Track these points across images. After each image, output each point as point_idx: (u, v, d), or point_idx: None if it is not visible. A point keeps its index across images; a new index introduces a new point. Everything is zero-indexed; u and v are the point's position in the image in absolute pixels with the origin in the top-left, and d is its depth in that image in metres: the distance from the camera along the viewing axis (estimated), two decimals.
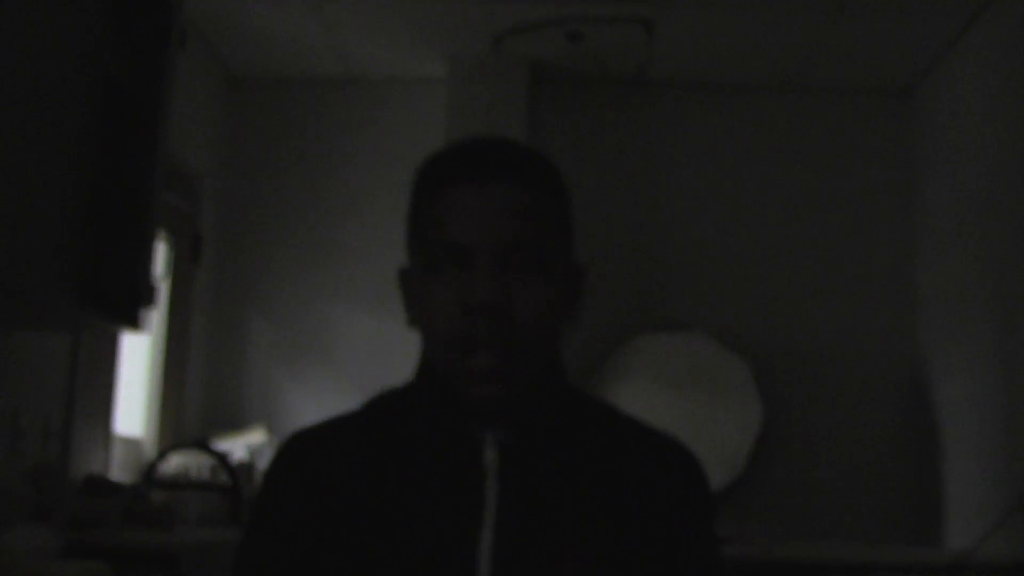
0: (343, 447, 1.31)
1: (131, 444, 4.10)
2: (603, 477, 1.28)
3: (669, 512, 1.28)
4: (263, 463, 4.27)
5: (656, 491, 1.29)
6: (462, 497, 1.25)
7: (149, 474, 3.84)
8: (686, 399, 4.67)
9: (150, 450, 4.26)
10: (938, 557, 2.98)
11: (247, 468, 4.12)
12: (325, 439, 1.33)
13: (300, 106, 5.04)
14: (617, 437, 1.34)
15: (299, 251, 4.88)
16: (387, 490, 1.26)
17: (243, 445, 4.31)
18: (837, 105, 5.06)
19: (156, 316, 4.27)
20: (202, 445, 3.96)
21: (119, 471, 3.87)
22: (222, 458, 3.85)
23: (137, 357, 4.25)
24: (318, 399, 4.72)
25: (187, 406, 4.54)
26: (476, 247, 1.24)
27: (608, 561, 1.23)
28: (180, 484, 3.86)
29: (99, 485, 3.09)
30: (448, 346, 1.25)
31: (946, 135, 4.62)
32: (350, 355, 4.79)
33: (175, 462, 4.01)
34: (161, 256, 4.33)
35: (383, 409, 1.36)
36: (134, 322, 2.89)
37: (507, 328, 1.23)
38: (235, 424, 4.62)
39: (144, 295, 2.86)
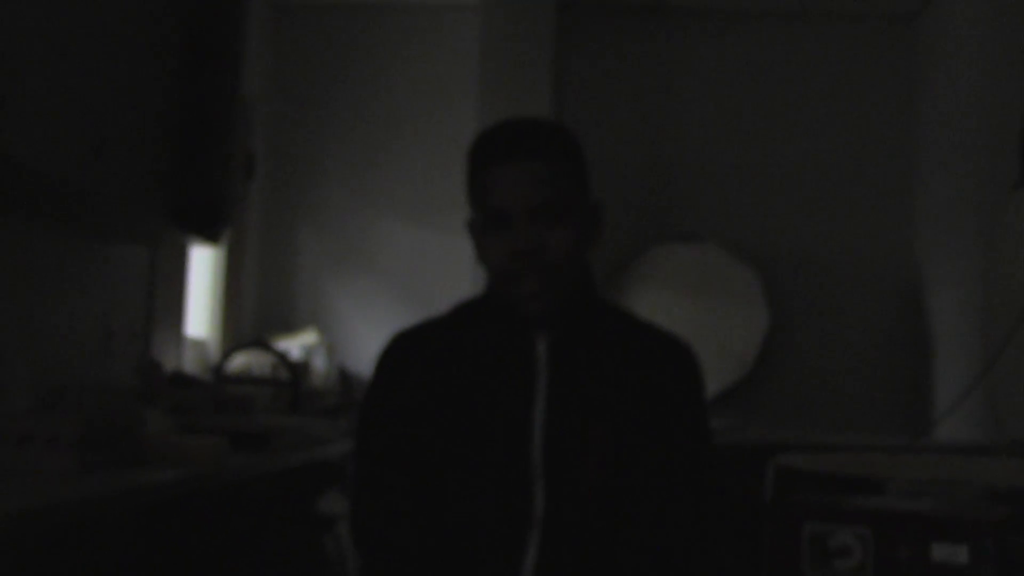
0: (434, 342, 1.79)
1: (198, 345, 4.57)
2: (623, 365, 1.76)
3: (671, 390, 1.77)
4: (316, 362, 4.73)
5: (662, 375, 1.77)
6: (521, 379, 1.73)
7: (217, 371, 4.30)
8: (699, 305, 5.09)
9: (214, 350, 4.72)
10: (899, 440, 3.41)
11: (303, 365, 4.58)
12: (420, 337, 1.82)
13: (342, 31, 5.39)
14: (634, 336, 1.82)
15: (344, 167, 5.28)
16: (467, 375, 1.75)
17: (297, 345, 4.76)
18: (844, 31, 5.40)
19: None
20: (264, 345, 4.42)
21: (189, 369, 4.32)
22: (283, 356, 4.31)
23: (200, 267, 4.68)
24: (362, 303, 5.17)
25: (244, 310, 5.00)
26: (514, 210, 1.71)
27: (627, 425, 1.72)
28: (245, 380, 4.31)
29: (184, 379, 3.55)
30: (502, 279, 1.74)
31: (946, 60, 4.96)
32: (391, 262, 5.21)
33: (238, 360, 4.46)
34: None
35: (463, 314, 1.85)
36: (216, 238, 3.33)
37: (542, 264, 1.71)
38: (287, 326, 5.07)
39: (225, 214, 3.28)
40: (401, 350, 1.80)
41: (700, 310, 5.08)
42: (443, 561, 1.69)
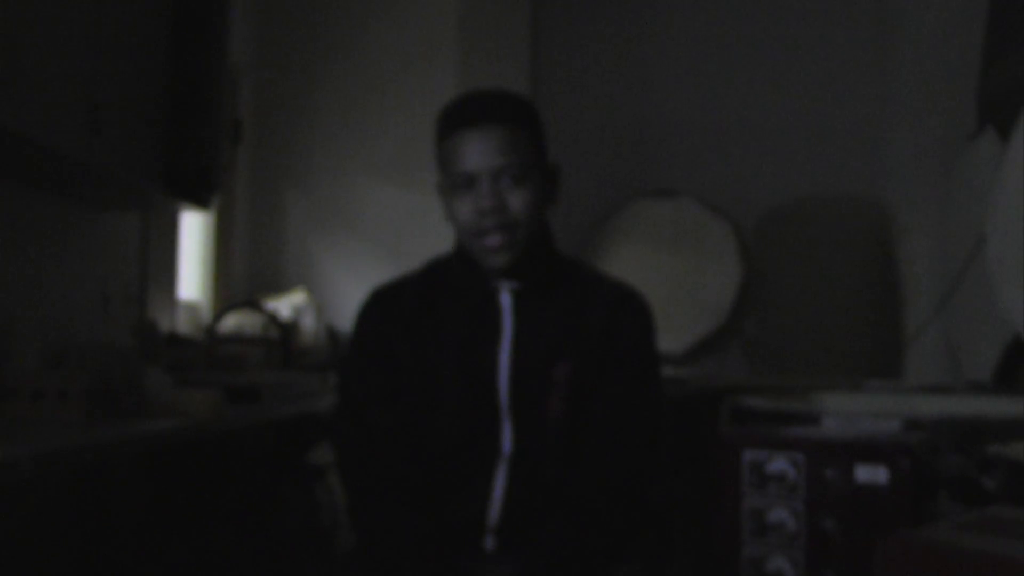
0: (409, 295, 1.98)
1: (191, 307, 4.72)
2: (578, 311, 1.95)
3: (623, 333, 1.95)
4: (305, 320, 4.89)
5: (615, 320, 1.95)
6: (488, 326, 1.93)
7: (210, 331, 4.45)
8: (675, 258, 5.25)
9: (206, 311, 4.87)
10: (853, 380, 3.58)
11: (292, 324, 4.74)
12: (396, 291, 2.01)
13: None
14: (590, 285, 2.00)
15: (328, 132, 5.41)
16: (438, 323, 1.93)
17: (287, 305, 4.91)
18: None
19: None
20: (254, 305, 4.57)
21: (183, 330, 4.48)
22: (273, 316, 4.46)
23: (191, 231, 4.83)
24: (348, 262, 5.32)
25: (235, 273, 5.15)
26: (478, 173, 1.89)
27: (584, 366, 1.91)
28: (237, 339, 4.46)
29: (178, 340, 3.71)
30: (470, 235, 1.92)
31: (912, 14, 5.09)
32: (375, 222, 5.35)
33: (230, 321, 4.61)
34: None
35: (435, 269, 2.04)
36: (206, 203, 3.48)
37: (505, 221, 1.89)
38: (277, 287, 5.23)
39: (215, 180, 3.43)
40: (379, 304, 1.99)
41: (676, 263, 5.24)
42: (420, 491, 1.87)
